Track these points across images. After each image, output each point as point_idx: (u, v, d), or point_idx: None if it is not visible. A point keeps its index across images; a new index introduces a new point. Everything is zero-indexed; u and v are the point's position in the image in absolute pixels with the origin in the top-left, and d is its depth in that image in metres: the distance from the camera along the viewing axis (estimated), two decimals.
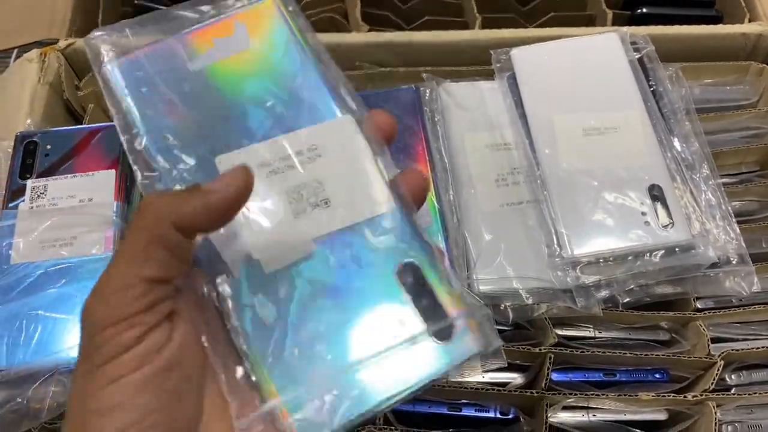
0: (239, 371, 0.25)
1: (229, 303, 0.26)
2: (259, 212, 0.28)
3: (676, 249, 0.44)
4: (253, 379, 0.25)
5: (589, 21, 0.63)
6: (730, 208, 0.47)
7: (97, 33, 0.31)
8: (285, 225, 0.27)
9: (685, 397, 0.43)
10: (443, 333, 0.26)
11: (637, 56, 0.52)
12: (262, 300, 0.26)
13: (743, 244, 0.46)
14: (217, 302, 0.26)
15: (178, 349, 0.24)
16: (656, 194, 0.45)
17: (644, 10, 0.62)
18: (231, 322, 0.26)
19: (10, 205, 0.44)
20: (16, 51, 0.58)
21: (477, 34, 0.55)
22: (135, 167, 0.28)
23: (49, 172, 0.46)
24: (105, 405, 0.23)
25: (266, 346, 0.26)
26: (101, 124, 0.48)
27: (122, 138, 0.29)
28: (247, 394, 0.25)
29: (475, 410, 0.44)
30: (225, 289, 0.26)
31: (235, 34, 0.31)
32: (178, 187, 0.28)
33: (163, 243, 0.24)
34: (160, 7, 0.61)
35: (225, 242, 0.27)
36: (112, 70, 0.30)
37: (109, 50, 0.30)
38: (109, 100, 0.30)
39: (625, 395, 0.43)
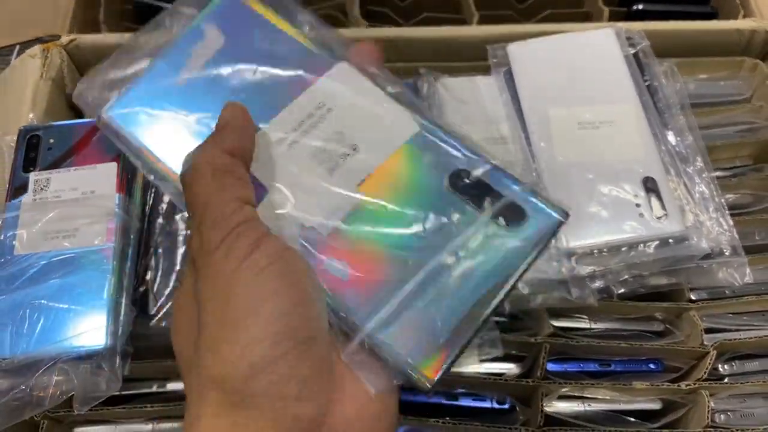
0: None
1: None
2: (297, 187, 0.28)
3: (670, 240, 0.45)
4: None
5: (586, 18, 0.64)
6: (723, 200, 0.48)
7: (80, 85, 0.32)
8: (324, 185, 0.28)
9: (678, 386, 0.43)
10: (515, 214, 0.27)
11: (632, 51, 0.53)
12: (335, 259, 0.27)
13: (736, 236, 0.46)
14: None
15: (294, 259, 0.25)
16: (650, 186, 0.46)
17: (640, 6, 0.63)
18: None
19: (14, 197, 0.45)
20: (18, 47, 0.59)
21: (474, 30, 0.55)
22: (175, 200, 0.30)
23: (51, 165, 0.46)
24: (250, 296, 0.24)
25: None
26: None
27: (150, 178, 0.31)
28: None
29: (472, 400, 0.44)
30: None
31: (207, 36, 0.32)
32: None
33: (228, 168, 0.26)
34: (161, 4, 0.62)
35: (279, 226, 0.27)
36: (111, 117, 0.31)
37: (99, 98, 0.32)
38: (122, 146, 0.31)
39: (619, 385, 0.44)
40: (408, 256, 0.26)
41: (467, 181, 0.28)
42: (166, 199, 0.47)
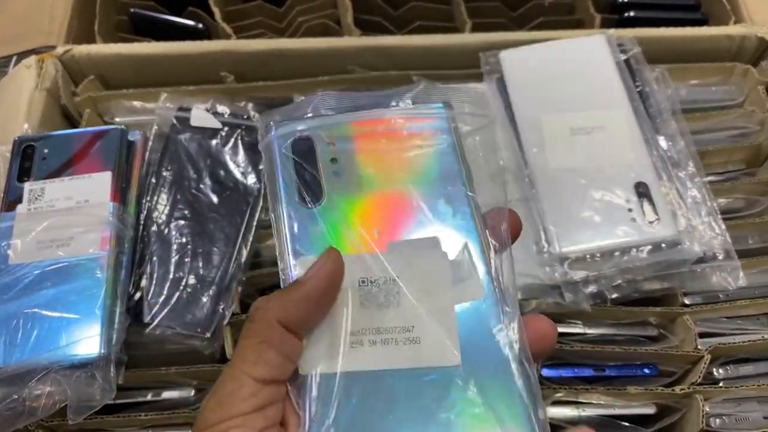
0: None
1: None
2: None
3: (663, 245, 0.45)
4: None
5: (578, 25, 0.65)
6: (715, 204, 0.48)
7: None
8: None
9: (673, 390, 0.43)
10: None
11: (623, 58, 0.53)
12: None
13: (729, 240, 0.47)
14: None
15: None
16: (642, 191, 0.46)
17: (632, 13, 0.63)
18: None
19: (9, 207, 0.45)
20: (15, 58, 0.59)
21: (466, 38, 0.56)
22: None
23: (46, 175, 0.46)
24: None
25: None
26: (97, 128, 0.49)
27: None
28: None
29: None
30: None
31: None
32: None
33: (272, 343, 0.25)
34: (155, 15, 0.62)
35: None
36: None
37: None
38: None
39: (614, 390, 0.44)
40: None
41: None
42: (161, 207, 0.48)
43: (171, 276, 0.45)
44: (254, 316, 0.26)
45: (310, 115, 0.32)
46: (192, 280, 0.45)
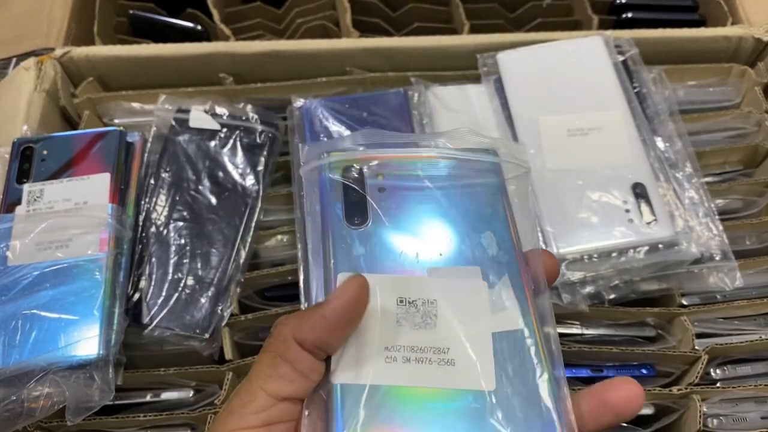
0: None
1: None
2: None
3: (660, 245, 0.45)
4: None
5: (576, 27, 0.65)
6: (712, 205, 0.48)
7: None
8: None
9: (670, 391, 0.44)
10: None
11: (621, 59, 0.53)
12: None
13: (726, 241, 0.47)
14: None
15: None
16: (640, 192, 0.46)
17: (629, 14, 0.63)
18: None
19: (8, 209, 0.45)
20: (14, 60, 0.59)
21: (464, 39, 0.56)
22: None
23: (45, 177, 0.47)
24: None
25: None
26: (96, 130, 0.49)
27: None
28: None
29: None
30: None
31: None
32: None
33: (286, 358, 0.26)
34: (154, 17, 0.63)
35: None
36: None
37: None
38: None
39: None
40: None
41: None
42: (159, 208, 0.48)
43: (170, 277, 0.46)
44: (273, 332, 0.27)
45: (361, 147, 0.33)
46: (191, 282, 0.45)
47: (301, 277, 0.45)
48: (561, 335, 0.47)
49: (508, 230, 0.31)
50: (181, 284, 0.45)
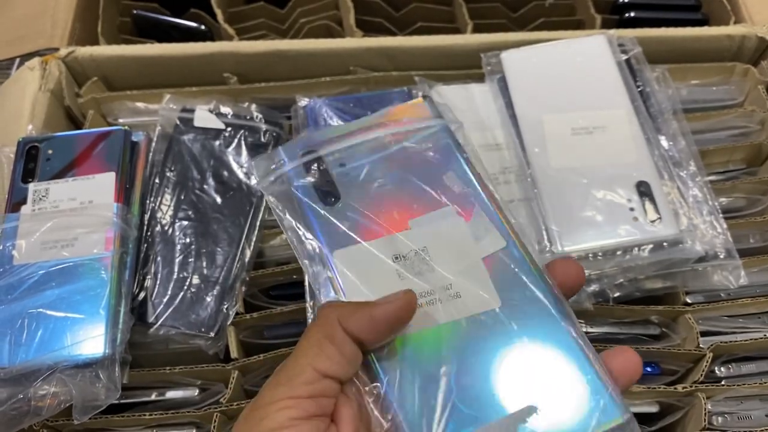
0: None
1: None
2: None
3: (664, 243, 0.45)
4: None
5: (579, 26, 0.65)
6: (716, 203, 0.48)
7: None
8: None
9: (675, 389, 0.44)
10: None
11: (624, 58, 0.53)
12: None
13: (730, 239, 0.47)
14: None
15: None
16: (644, 190, 0.46)
17: (632, 14, 0.64)
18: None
19: (13, 208, 0.45)
20: (18, 60, 0.59)
21: (468, 39, 0.56)
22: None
23: (50, 176, 0.47)
24: None
25: None
26: (100, 129, 0.49)
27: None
28: None
29: None
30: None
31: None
32: None
33: (333, 340, 0.27)
34: (158, 17, 0.63)
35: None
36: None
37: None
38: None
39: None
40: None
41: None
42: (164, 207, 0.48)
43: (175, 276, 0.46)
44: (320, 313, 0.29)
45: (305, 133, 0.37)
46: (196, 280, 0.45)
47: (306, 276, 0.45)
48: None
49: (466, 167, 0.34)
50: (187, 283, 0.45)
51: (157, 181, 0.49)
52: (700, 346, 0.45)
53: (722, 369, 0.46)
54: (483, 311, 0.30)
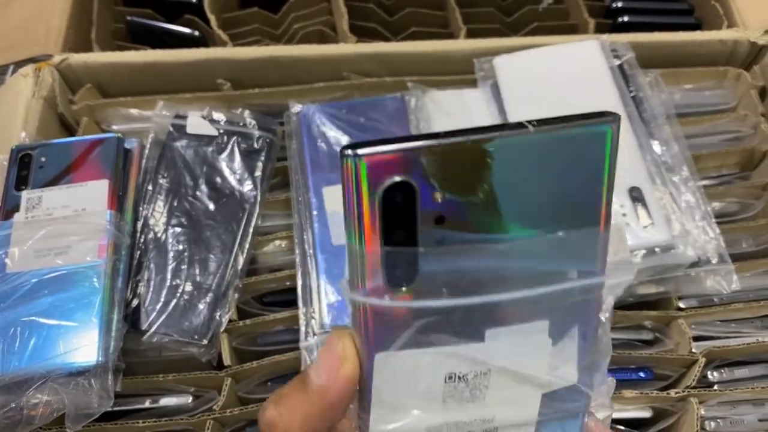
0: None
1: None
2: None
3: (657, 249, 0.45)
4: None
5: (572, 31, 0.65)
6: (709, 208, 0.48)
7: None
8: None
9: (668, 394, 0.44)
10: None
11: (617, 63, 0.53)
12: None
13: (723, 244, 0.47)
14: None
15: None
16: (636, 196, 0.46)
17: (625, 18, 0.64)
18: None
19: (6, 216, 0.45)
20: (12, 67, 0.59)
21: (461, 44, 0.56)
22: None
23: (43, 184, 0.47)
24: None
25: None
26: (93, 136, 0.49)
27: None
28: None
29: None
30: None
31: None
32: None
33: None
34: (152, 23, 0.63)
35: None
36: None
37: None
38: None
39: None
40: None
41: None
42: (157, 215, 0.48)
43: (168, 283, 0.46)
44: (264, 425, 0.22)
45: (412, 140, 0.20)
46: (189, 287, 0.45)
47: (299, 283, 0.45)
48: None
49: (598, 254, 0.22)
50: (180, 290, 0.45)
51: (150, 188, 0.49)
52: (693, 351, 0.45)
53: (715, 374, 0.46)
54: None
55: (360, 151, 0.19)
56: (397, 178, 0.19)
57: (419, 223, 0.20)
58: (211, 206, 0.48)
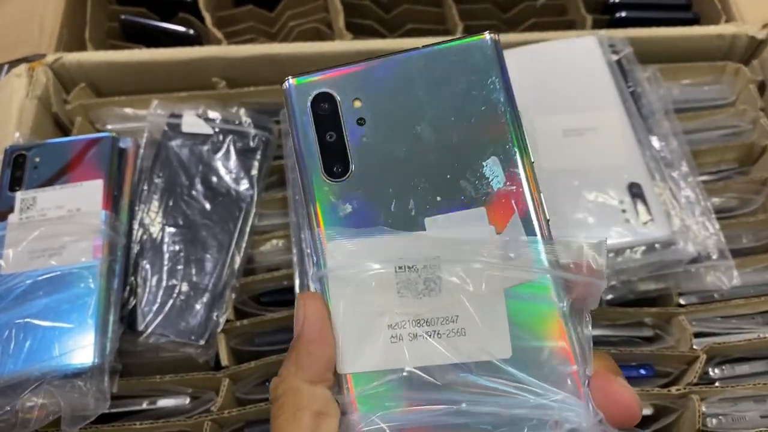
0: None
1: None
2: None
3: (657, 245, 0.45)
4: None
5: (570, 26, 0.65)
6: (709, 204, 0.48)
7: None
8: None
9: (669, 391, 0.43)
10: None
11: (615, 58, 0.53)
12: None
13: (723, 240, 0.47)
14: None
15: None
16: (636, 192, 0.46)
17: (623, 14, 0.63)
18: None
19: (0, 217, 0.45)
20: (5, 67, 0.59)
21: None
22: None
23: (37, 184, 0.46)
24: None
25: None
26: (88, 136, 0.48)
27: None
28: None
29: None
30: None
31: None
32: None
33: (314, 409, 0.24)
34: (146, 22, 0.62)
35: None
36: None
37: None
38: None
39: None
40: None
41: None
42: (153, 215, 0.47)
43: (164, 284, 0.45)
44: (277, 393, 0.25)
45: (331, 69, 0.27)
46: (185, 288, 0.45)
47: (297, 282, 0.45)
48: None
49: (518, 146, 0.26)
50: (176, 291, 0.45)
51: (145, 187, 0.48)
52: (694, 347, 0.45)
53: (716, 370, 0.45)
54: (487, 359, 0.24)
55: (290, 78, 0.27)
56: (321, 90, 0.26)
57: (344, 124, 0.26)
58: (207, 205, 0.48)
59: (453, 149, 0.26)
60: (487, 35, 0.27)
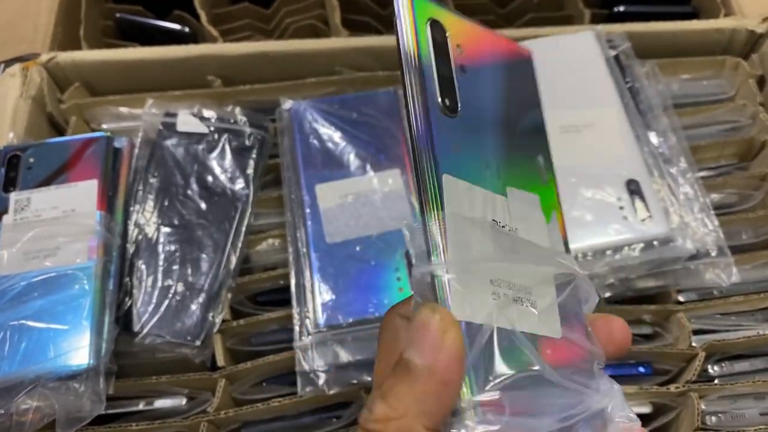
0: None
1: None
2: None
3: (655, 242, 0.44)
4: None
5: (568, 21, 0.64)
6: (708, 200, 0.48)
7: None
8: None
9: (668, 389, 0.43)
10: None
11: (613, 53, 0.53)
12: None
13: (722, 236, 0.46)
14: None
15: None
16: (634, 189, 0.46)
17: (621, 8, 0.63)
18: None
19: None
20: (2, 66, 0.59)
21: None
22: None
23: (32, 185, 0.46)
24: None
25: None
26: (83, 136, 0.48)
27: None
28: None
29: None
30: None
31: None
32: None
33: None
34: (141, 20, 0.62)
35: None
36: None
37: None
38: None
39: None
40: None
41: None
42: (148, 214, 0.47)
43: (160, 284, 0.45)
44: (387, 429, 0.21)
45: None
46: (181, 288, 0.45)
47: (293, 282, 0.45)
48: None
49: (549, 152, 0.27)
50: (172, 291, 0.45)
51: (140, 187, 0.48)
52: (693, 344, 0.45)
53: (715, 368, 0.45)
54: (544, 335, 0.23)
55: None
56: (435, 17, 0.24)
57: (453, 60, 0.24)
58: (203, 205, 0.48)
59: (523, 133, 0.26)
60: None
